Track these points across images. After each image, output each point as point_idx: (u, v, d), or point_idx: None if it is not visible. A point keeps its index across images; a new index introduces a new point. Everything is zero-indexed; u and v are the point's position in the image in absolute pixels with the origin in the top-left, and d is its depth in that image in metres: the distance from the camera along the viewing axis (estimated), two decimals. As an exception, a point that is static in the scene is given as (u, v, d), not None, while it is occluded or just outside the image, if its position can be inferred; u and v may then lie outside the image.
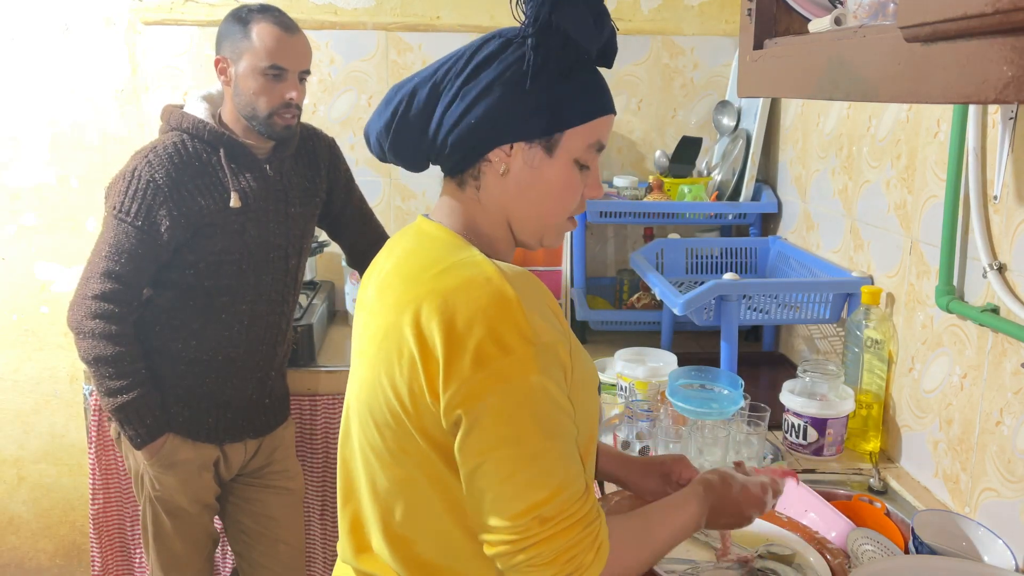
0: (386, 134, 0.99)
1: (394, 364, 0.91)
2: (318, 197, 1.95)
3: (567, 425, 0.90)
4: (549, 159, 0.96)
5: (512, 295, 0.87)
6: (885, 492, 1.57)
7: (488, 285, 0.88)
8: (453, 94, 0.94)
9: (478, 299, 0.87)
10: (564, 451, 0.88)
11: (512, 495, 0.86)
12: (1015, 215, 1.30)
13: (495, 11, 2.55)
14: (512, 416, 0.86)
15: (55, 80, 2.52)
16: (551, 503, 0.86)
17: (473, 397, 0.85)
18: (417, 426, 0.91)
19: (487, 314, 0.86)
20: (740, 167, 2.38)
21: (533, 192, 0.97)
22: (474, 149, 0.96)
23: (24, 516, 2.77)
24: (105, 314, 1.70)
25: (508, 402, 0.85)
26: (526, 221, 1.00)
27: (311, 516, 2.26)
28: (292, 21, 1.75)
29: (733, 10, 2.59)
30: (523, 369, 0.85)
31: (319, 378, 2.18)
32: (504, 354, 0.85)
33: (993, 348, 1.36)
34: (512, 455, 0.86)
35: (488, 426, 0.86)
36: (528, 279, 0.93)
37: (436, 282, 0.91)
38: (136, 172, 1.69)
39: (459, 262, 0.93)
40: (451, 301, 0.88)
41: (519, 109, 0.93)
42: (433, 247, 0.98)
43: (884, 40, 0.79)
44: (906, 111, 1.64)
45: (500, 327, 0.85)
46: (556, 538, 0.86)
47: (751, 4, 1.14)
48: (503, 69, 0.93)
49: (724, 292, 1.82)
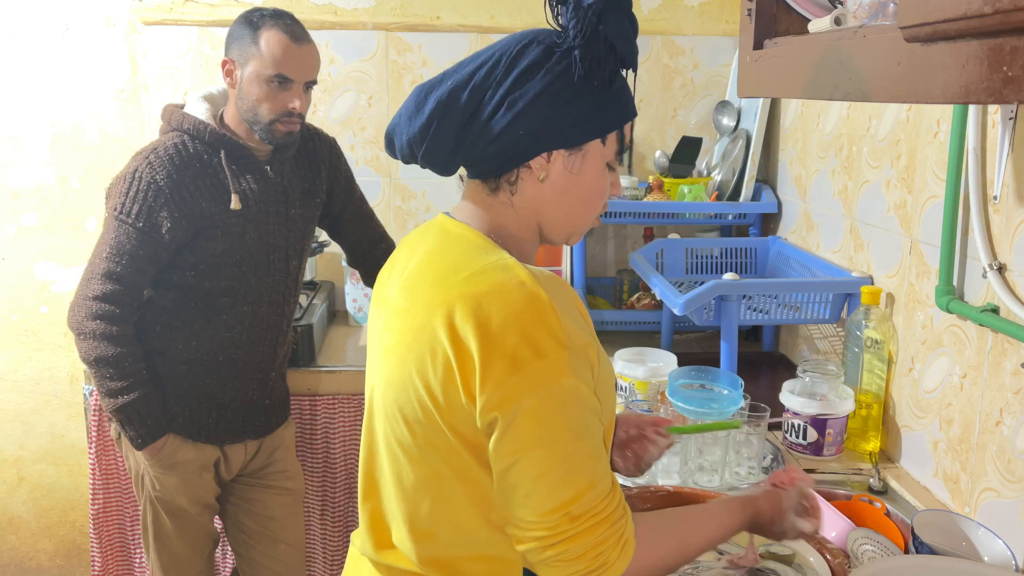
0: (421, 140, 0.98)
1: (427, 363, 0.92)
2: (318, 198, 1.95)
3: (595, 425, 0.92)
4: (592, 164, 0.99)
5: (546, 299, 0.89)
6: (885, 492, 1.57)
7: (522, 289, 0.90)
8: (499, 101, 0.95)
9: (512, 303, 0.89)
10: (593, 450, 0.91)
11: (544, 493, 0.89)
12: (1015, 215, 1.30)
13: (495, 11, 2.55)
14: (546, 418, 0.88)
15: (55, 80, 2.52)
16: (580, 501, 0.89)
17: (509, 400, 0.88)
18: (448, 423, 0.93)
19: (521, 318, 0.88)
20: (740, 167, 2.38)
21: (569, 197, 1.00)
22: (517, 156, 0.97)
23: (24, 516, 2.77)
24: (106, 315, 1.70)
25: (543, 404, 0.88)
26: (558, 223, 1.02)
27: (311, 516, 2.26)
28: (303, 30, 1.73)
29: (733, 10, 2.59)
30: (557, 372, 0.88)
31: (319, 378, 2.18)
32: (538, 357, 0.87)
33: (993, 348, 1.36)
34: (545, 455, 0.88)
35: (523, 427, 0.88)
36: (557, 283, 0.95)
37: (468, 285, 0.92)
38: (137, 173, 1.69)
39: (491, 265, 0.94)
40: (485, 304, 0.89)
41: (566, 118, 0.95)
42: (461, 248, 0.99)
43: (884, 40, 0.79)
44: (906, 111, 1.64)
45: (534, 331, 0.88)
46: (584, 535, 0.89)
47: (751, 4, 1.14)
48: (551, 79, 0.94)
49: (724, 292, 1.82)
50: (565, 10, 0.94)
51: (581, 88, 0.95)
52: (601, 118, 0.97)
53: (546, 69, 0.94)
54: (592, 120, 0.97)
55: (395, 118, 1.02)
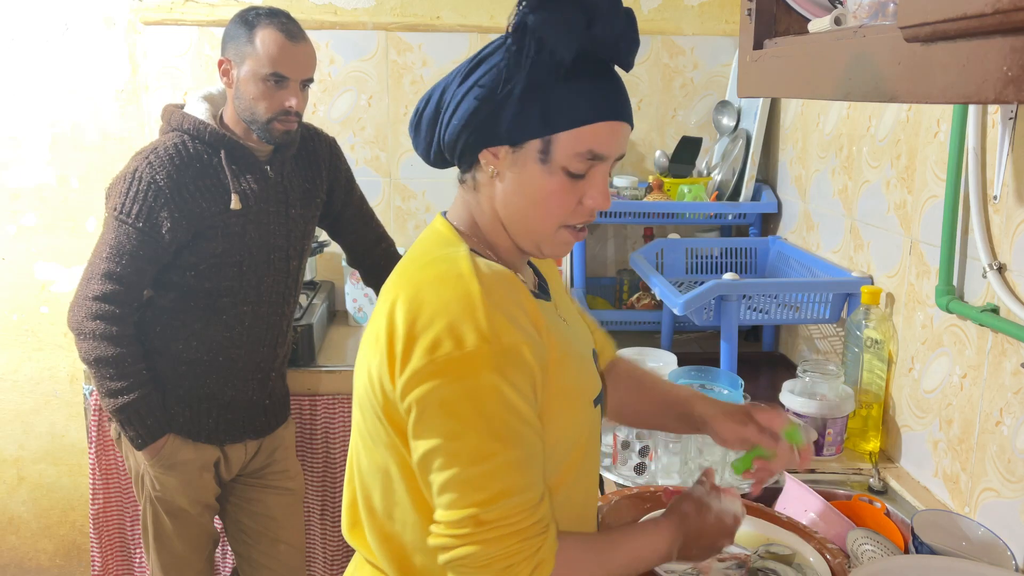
0: (413, 134, 1.03)
1: (372, 352, 0.94)
2: (318, 198, 1.95)
3: (524, 433, 0.89)
4: (540, 165, 0.94)
5: (476, 292, 0.88)
6: (885, 492, 1.57)
7: (458, 281, 0.90)
8: (450, 96, 0.96)
9: (443, 293, 0.89)
10: (515, 458, 0.87)
11: (453, 490, 0.87)
12: (1015, 215, 1.30)
13: (495, 11, 2.55)
14: (458, 411, 0.87)
15: (55, 80, 2.52)
16: (491, 506, 0.86)
17: (422, 385, 0.87)
18: (385, 412, 0.93)
19: (449, 309, 0.88)
20: (740, 167, 2.38)
21: (518, 197, 0.97)
22: (464, 151, 0.97)
23: (24, 516, 2.77)
24: (106, 315, 1.69)
25: (456, 396, 0.86)
26: (517, 226, 0.99)
27: (311, 516, 2.26)
28: (298, 28, 1.73)
29: (733, 10, 2.59)
30: (474, 365, 0.86)
31: (319, 378, 2.18)
32: (457, 348, 0.86)
33: (993, 348, 1.36)
34: (455, 449, 0.87)
35: (433, 416, 0.87)
36: (504, 279, 0.94)
37: (416, 274, 0.94)
38: (137, 173, 1.69)
39: (441, 256, 0.95)
40: (421, 294, 0.91)
41: (495, 113, 0.93)
42: (430, 241, 1.01)
43: (884, 40, 0.79)
44: (906, 111, 1.64)
45: (459, 322, 0.87)
46: (491, 544, 0.87)
47: (751, 4, 1.14)
48: (486, 71, 0.93)
49: (724, 292, 1.82)
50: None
51: (514, 82, 0.91)
52: (544, 117, 0.92)
53: (486, 63, 0.94)
54: (532, 118, 0.92)
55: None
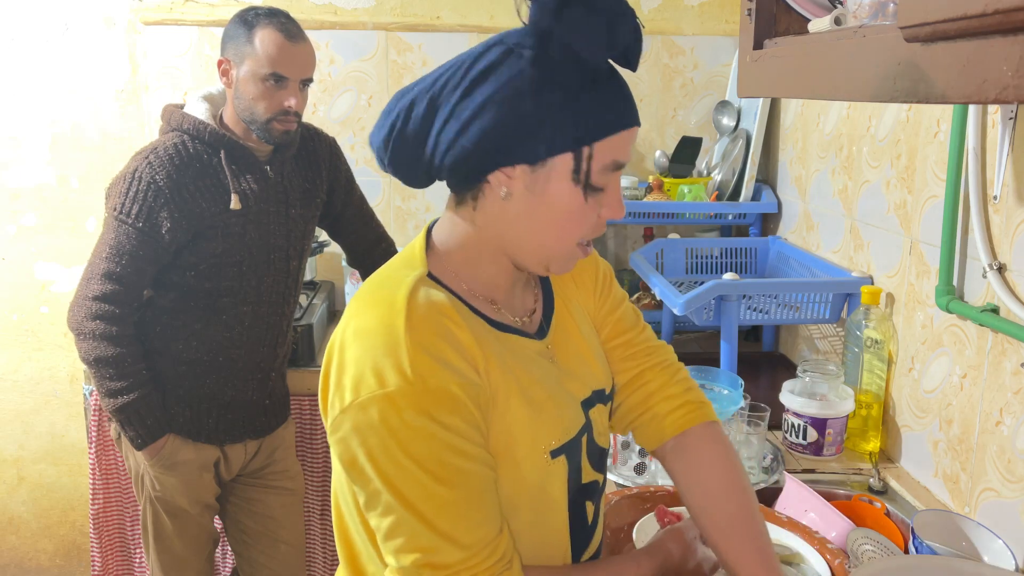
0: (384, 149, 0.90)
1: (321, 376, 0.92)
2: (318, 198, 1.95)
3: (467, 469, 0.83)
4: (568, 182, 0.85)
5: (400, 331, 0.82)
6: (885, 492, 1.57)
7: (388, 314, 0.84)
8: (448, 111, 0.84)
9: (373, 329, 0.84)
10: (459, 497, 0.82)
11: (398, 534, 0.83)
12: (1015, 215, 1.30)
13: (495, 11, 2.55)
14: (387, 452, 0.81)
15: (55, 80, 2.52)
16: (438, 551, 0.81)
17: (348, 428, 0.83)
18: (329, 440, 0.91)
19: (375, 346, 0.83)
20: (740, 167, 2.38)
21: (535, 219, 0.87)
22: (471, 172, 0.87)
23: (24, 516, 2.77)
24: (106, 315, 1.69)
25: (384, 440, 0.81)
26: (526, 247, 0.90)
27: (311, 516, 2.26)
28: (298, 28, 1.73)
29: (733, 10, 2.59)
30: (396, 406, 0.81)
31: (319, 378, 2.17)
32: (380, 387, 0.81)
33: (993, 348, 1.36)
34: (393, 494, 0.82)
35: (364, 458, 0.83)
36: (437, 314, 0.85)
37: (365, 295, 0.90)
38: (137, 173, 1.69)
39: (387, 279, 0.90)
40: (355, 322, 0.87)
41: (518, 131, 0.82)
42: (399, 257, 0.96)
43: (884, 40, 0.79)
44: (906, 111, 1.64)
45: (381, 361, 0.82)
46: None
47: (751, 4, 1.14)
48: (500, 85, 0.82)
49: (724, 292, 1.82)
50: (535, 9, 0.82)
51: (537, 96, 0.82)
52: (568, 130, 0.83)
53: (497, 73, 0.83)
54: (556, 132, 0.83)
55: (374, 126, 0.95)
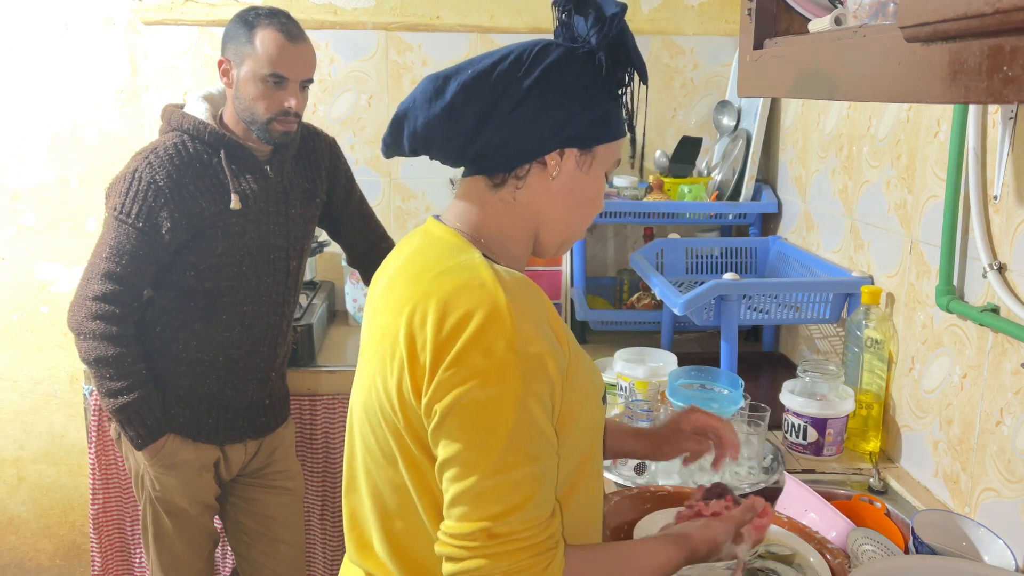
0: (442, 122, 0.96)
1: (387, 366, 0.92)
2: (318, 198, 1.95)
3: (543, 448, 0.88)
4: (591, 167, 1.01)
5: (503, 302, 0.87)
6: (885, 492, 1.57)
7: (481, 290, 0.88)
8: (525, 92, 0.95)
9: (468, 303, 0.88)
10: (533, 472, 0.87)
11: (467, 502, 0.86)
12: (1015, 215, 1.30)
13: (495, 11, 2.55)
14: (481, 419, 0.86)
15: (55, 80, 2.51)
16: (505, 519, 0.85)
17: (447, 392, 0.86)
18: (407, 428, 0.92)
19: (475, 319, 0.86)
20: (740, 167, 2.38)
21: (572, 198, 1.01)
22: (536, 150, 0.98)
23: (24, 516, 2.77)
24: (106, 315, 1.69)
25: (480, 403, 0.85)
26: (556, 225, 1.03)
27: (311, 516, 2.26)
28: (298, 28, 1.73)
29: (733, 10, 2.59)
30: (502, 376, 0.85)
31: (319, 378, 2.18)
32: (486, 358, 0.85)
33: (993, 348, 1.36)
34: (475, 459, 0.86)
35: (456, 423, 0.86)
36: (526, 286, 0.93)
37: (432, 284, 0.92)
38: (137, 173, 1.69)
39: (457, 265, 0.93)
40: (443, 305, 0.89)
41: (585, 118, 0.98)
42: (436, 248, 0.99)
43: (884, 40, 0.79)
44: (906, 111, 1.64)
45: (487, 333, 0.86)
46: (501, 557, 0.86)
47: (751, 4, 1.14)
48: (575, 78, 0.96)
49: (724, 292, 1.82)
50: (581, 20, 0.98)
51: (600, 91, 0.98)
52: (612, 123, 1.01)
53: (572, 67, 0.97)
54: (605, 124, 1.00)
55: (406, 102, 1.00)
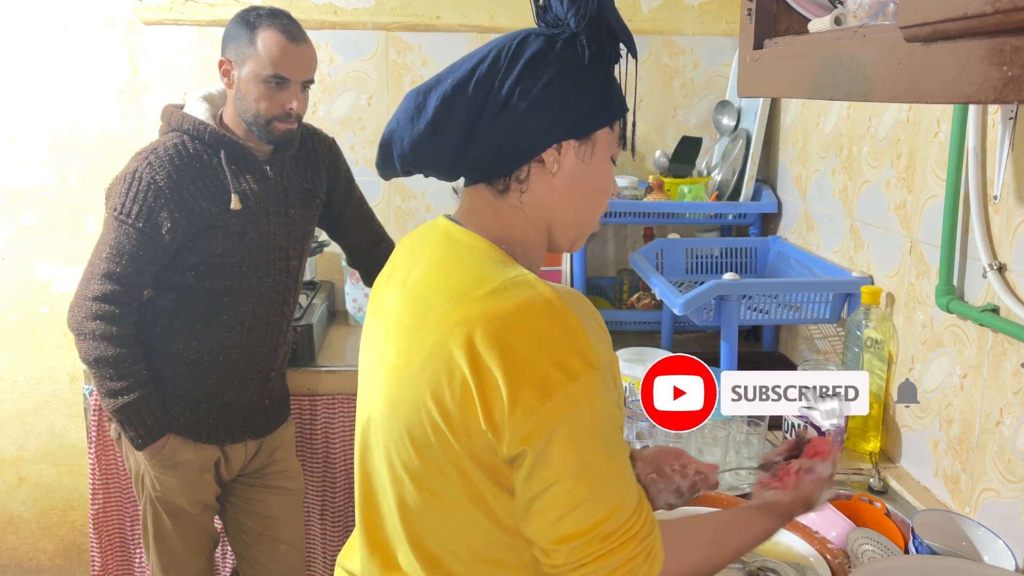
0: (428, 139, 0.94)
1: (443, 386, 0.88)
2: (318, 198, 1.95)
3: (622, 442, 0.92)
4: (592, 156, 0.97)
5: (575, 319, 0.87)
6: (885, 492, 1.57)
7: (548, 309, 0.87)
8: (508, 92, 0.91)
9: (539, 325, 0.86)
10: (620, 468, 0.91)
11: (577, 516, 0.88)
12: (1015, 215, 1.30)
13: (495, 11, 2.55)
14: (580, 444, 0.87)
15: (55, 80, 2.51)
16: (610, 520, 0.88)
17: (541, 429, 0.85)
18: (465, 447, 0.89)
19: (550, 340, 0.86)
20: (740, 167, 2.38)
21: (579, 191, 0.98)
22: (531, 149, 0.94)
23: (24, 516, 2.77)
24: (106, 315, 1.69)
25: (576, 430, 0.86)
26: (568, 222, 1.00)
27: (311, 516, 2.26)
28: (299, 29, 1.73)
29: (733, 10, 2.59)
30: (589, 395, 0.86)
31: (319, 378, 2.18)
32: (570, 380, 0.85)
33: (993, 348, 1.36)
34: (578, 481, 0.87)
35: (556, 456, 0.86)
36: (579, 298, 0.92)
37: (489, 303, 0.88)
38: (137, 174, 1.69)
39: (511, 281, 0.90)
40: (510, 326, 0.86)
41: (577, 106, 0.94)
42: (475, 261, 0.94)
43: (884, 40, 0.79)
44: (906, 111, 1.64)
45: (564, 353, 0.85)
46: (615, 553, 0.89)
47: (751, 4, 1.14)
48: (560, 66, 0.92)
49: (724, 292, 1.82)
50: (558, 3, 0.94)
51: (588, 75, 0.94)
52: (607, 106, 0.96)
53: (553, 56, 0.93)
54: (600, 108, 0.96)
55: (391, 124, 0.98)
